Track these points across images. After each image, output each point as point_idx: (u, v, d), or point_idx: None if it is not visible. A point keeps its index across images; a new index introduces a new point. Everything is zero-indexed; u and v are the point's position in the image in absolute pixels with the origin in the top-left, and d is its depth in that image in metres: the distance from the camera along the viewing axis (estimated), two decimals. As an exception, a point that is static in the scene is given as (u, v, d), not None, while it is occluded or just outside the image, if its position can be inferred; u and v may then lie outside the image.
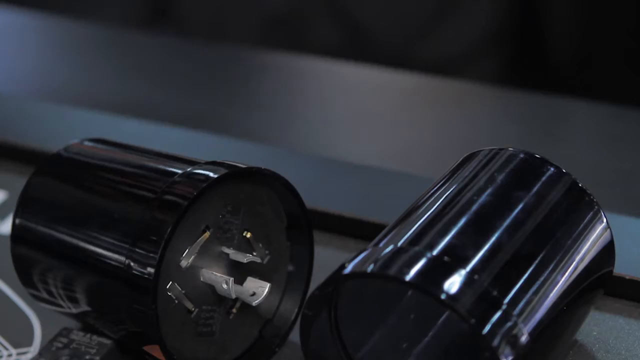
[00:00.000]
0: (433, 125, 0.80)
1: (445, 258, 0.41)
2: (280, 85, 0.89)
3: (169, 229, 0.44)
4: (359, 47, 1.22)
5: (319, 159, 0.68)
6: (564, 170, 0.46)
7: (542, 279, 0.42)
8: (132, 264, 0.45)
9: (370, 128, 0.80)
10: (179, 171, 0.47)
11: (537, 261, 0.43)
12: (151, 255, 0.44)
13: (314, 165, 0.67)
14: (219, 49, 0.98)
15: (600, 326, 0.50)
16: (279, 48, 1.03)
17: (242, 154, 0.67)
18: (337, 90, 0.88)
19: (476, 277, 0.40)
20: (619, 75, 1.17)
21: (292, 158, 0.68)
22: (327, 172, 0.66)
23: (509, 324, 0.40)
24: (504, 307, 0.40)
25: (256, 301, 0.47)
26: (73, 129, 0.73)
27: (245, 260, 0.47)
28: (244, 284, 0.48)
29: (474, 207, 0.44)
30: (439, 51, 1.21)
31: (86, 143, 0.52)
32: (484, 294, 0.40)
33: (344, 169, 0.66)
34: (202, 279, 0.47)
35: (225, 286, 0.46)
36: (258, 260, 0.48)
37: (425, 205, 0.45)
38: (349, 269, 0.42)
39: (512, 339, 0.40)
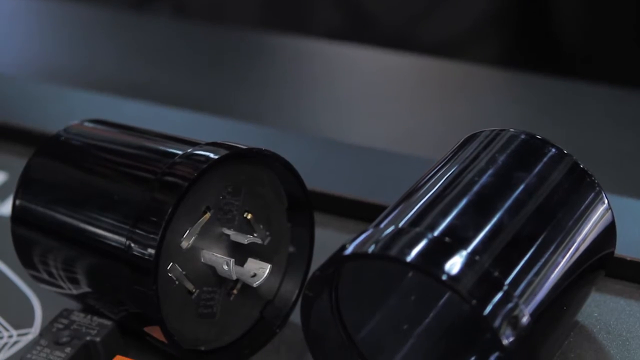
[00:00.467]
0: (435, 107, 0.80)
1: (446, 239, 0.41)
2: (282, 67, 0.89)
3: (170, 210, 0.44)
4: (361, 28, 1.21)
5: (319, 141, 0.67)
6: (565, 152, 0.46)
7: (543, 260, 0.42)
8: (132, 245, 0.45)
9: (372, 110, 0.80)
10: (180, 152, 0.46)
11: (538, 242, 0.43)
12: (152, 236, 0.44)
13: (315, 147, 0.66)
14: (220, 30, 0.98)
15: (601, 307, 0.50)
16: (280, 30, 1.03)
17: (242, 135, 0.67)
18: (338, 72, 0.88)
19: (477, 258, 0.40)
20: (623, 56, 1.17)
21: (293, 139, 0.67)
22: (328, 154, 0.66)
23: (510, 305, 0.40)
24: (505, 288, 0.40)
25: (257, 282, 0.47)
26: (73, 110, 0.73)
27: (245, 242, 0.47)
28: (245, 265, 0.48)
29: (475, 188, 0.44)
30: (441, 33, 1.20)
31: (86, 124, 0.52)
32: (485, 275, 0.40)
33: (344, 150, 0.66)
34: (202, 260, 0.47)
35: (226, 267, 0.46)
36: (259, 241, 0.48)
37: (427, 186, 0.45)
38: (349, 249, 0.42)
39: (513, 320, 0.40)
